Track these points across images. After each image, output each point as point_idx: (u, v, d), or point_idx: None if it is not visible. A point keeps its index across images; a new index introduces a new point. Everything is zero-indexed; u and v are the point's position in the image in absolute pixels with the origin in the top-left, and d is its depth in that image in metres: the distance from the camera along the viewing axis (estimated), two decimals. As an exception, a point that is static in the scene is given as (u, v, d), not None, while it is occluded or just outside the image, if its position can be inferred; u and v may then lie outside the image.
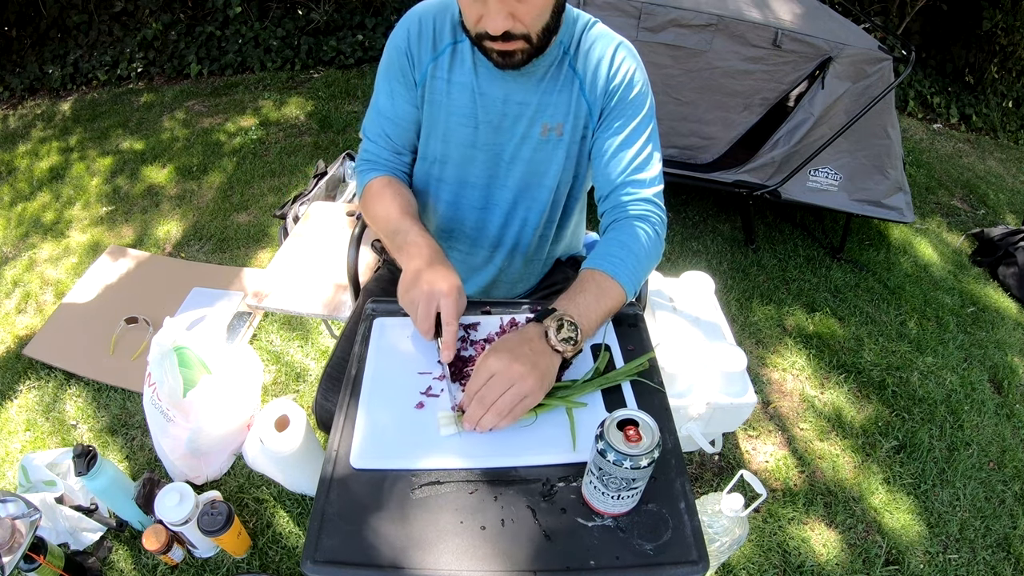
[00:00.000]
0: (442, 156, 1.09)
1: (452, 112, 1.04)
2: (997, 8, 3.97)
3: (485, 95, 1.02)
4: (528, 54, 0.91)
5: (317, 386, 1.17)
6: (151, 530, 1.36)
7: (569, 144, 1.05)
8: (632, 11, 2.08)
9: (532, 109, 1.02)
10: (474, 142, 1.06)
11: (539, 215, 1.13)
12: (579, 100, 1.02)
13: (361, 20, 4.11)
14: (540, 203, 1.11)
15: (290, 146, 3.15)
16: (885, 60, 2.12)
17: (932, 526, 1.67)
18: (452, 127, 1.05)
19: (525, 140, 1.05)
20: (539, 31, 0.88)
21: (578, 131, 1.05)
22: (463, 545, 0.68)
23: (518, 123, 1.03)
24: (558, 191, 1.11)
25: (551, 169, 1.07)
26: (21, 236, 2.62)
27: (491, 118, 1.03)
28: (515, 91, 1.01)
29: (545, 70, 1.00)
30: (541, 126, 1.03)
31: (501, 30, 0.85)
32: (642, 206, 1.01)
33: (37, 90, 3.84)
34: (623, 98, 1.02)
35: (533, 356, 0.79)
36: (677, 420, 1.07)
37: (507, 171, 1.09)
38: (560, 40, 0.99)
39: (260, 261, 2.41)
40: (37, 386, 1.92)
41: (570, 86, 1.02)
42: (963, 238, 2.87)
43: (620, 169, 1.02)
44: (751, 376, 1.74)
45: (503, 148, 1.06)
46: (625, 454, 0.64)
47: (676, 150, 2.39)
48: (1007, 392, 2.10)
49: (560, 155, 1.06)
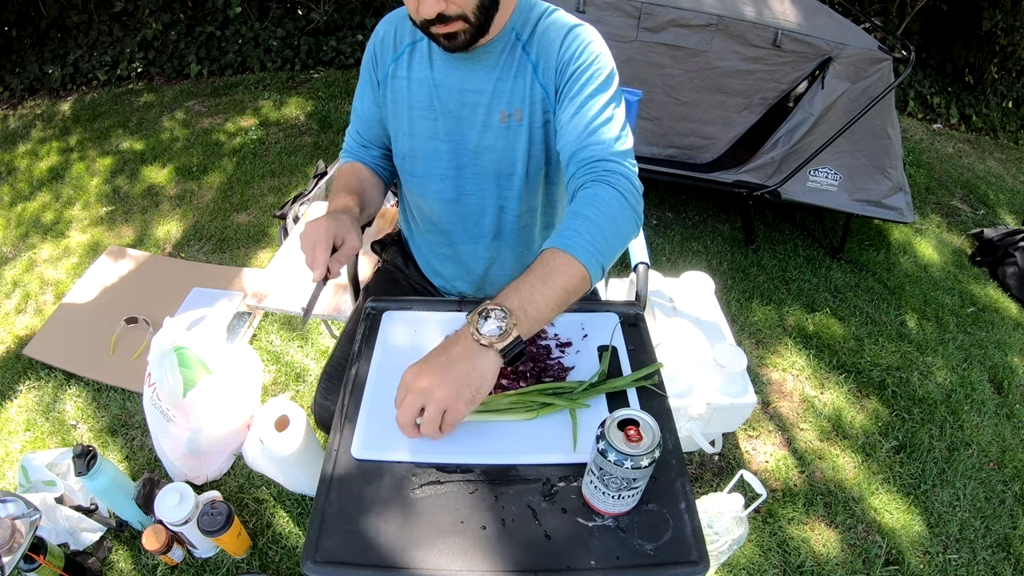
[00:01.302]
0: (410, 152, 1.12)
1: (414, 107, 1.07)
2: (997, 8, 3.97)
3: (441, 87, 1.04)
4: (470, 33, 0.92)
5: (316, 386, 1.17)
6: (151, 530, 1.36)
7: (531, 129, 1.05)
8: (632, 11, 2.08)
9: (488, 96, 1.03)
10: (436, 134, 1.08)
11: (516, 202, 1.13)
12: (533, 84, 1.02)
13: (361, 20, 4.11)
14: (514, 190, 1.11)
15: (290, 146, 3.15)
16: (885, 60, 2.12)
17: (932, 526, 1.67)
18: (415, 121, 1.08)
19: (487, 128, 1.05)
20: (473, 8, 0.89)
21: (538, 115, 1.04)
22: (463, 545, 0.68)
23: (476, 112, 1.05)
24: (529, 177, 1.10)
25: (517, 156, 1.07)
26: (21, 236, 2.62)
27: (450, 108, 1.05)
28: (470, 80, 1.03)
29: (497, 57, 1.01)
30: (499, 113, 1.04)
31: (434, 12, 0.87)
32: (600, 168, 0.91)
33: (37, 90, 3.84)
34: (576, 71, 0.99)
35: (447, 364, 0.74)
36: (677, 420, 1.07)
37: (474, 161, 1.09)
38: (512, 26, 1.00)
39: (260, 261, 2.41)
40: (37, 386, 1.92)
41: (524, 71, 1.02)
42: (963, 238, 2.87)
43: (577, 134, 0.95)
44: (751, 376, 1.74)
45: (466, 138, 1.08)
46: (626, 454, 0.64)
47: (676, 150, 2.40)
48: (1007, 392, 2.10)
49: (523, 141, 1.06)
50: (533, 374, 0.88)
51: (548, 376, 0.88)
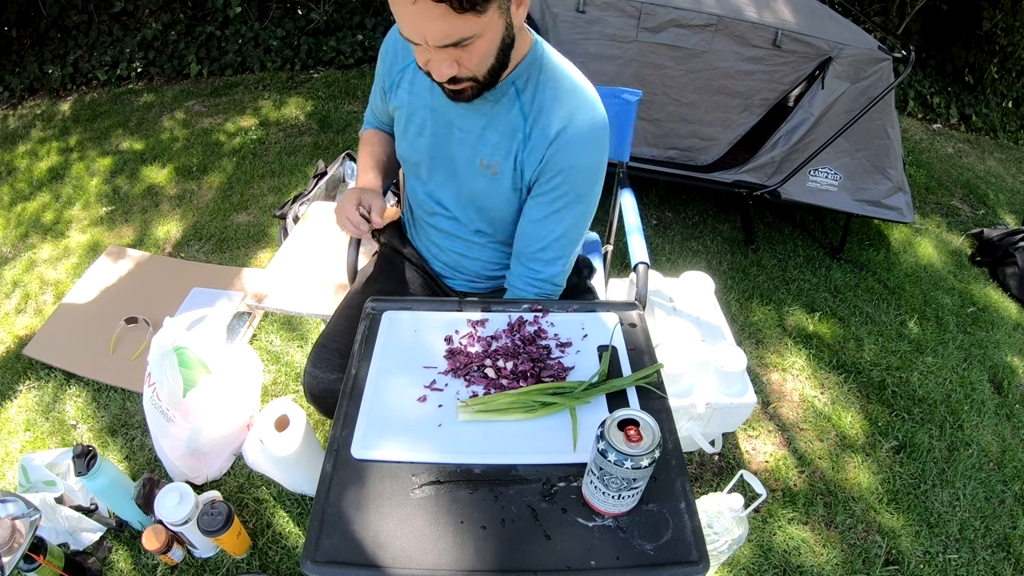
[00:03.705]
0: (408, 156, 1.15)
1: (411, 120, 1.10)
2: (997, 8, 3.97)
3: (437, 112, 1.05)
4: (476, 91, 0.92)
5: (308, 357, 1.17)
6: (151, 530, 1.36)
7: (507, 184, 1.05)
8: (632, 11, 2.08)
9: (473, 138, 1.03)
10: (433, 152, 1.10)
11: (501, 229, 1.16)
12: (519, 151, 1.01)
13: (361, 20, 4.11)
14: (497, 223, 1.14)
15: (290, 146, 3.15)
16: (885, 60, 2.12)
17: (932, 526, 1.67)
18: (409, 133, 1.11)
19: (468, 166, 1.07)
20: (485, 73, 0.89)
21: (513, 176, 1.04)
22: (463, 545, 0.68)
23: (463, 147, 1.06)
24: (510, 216, 1.12)
25: (497, 201, 1.08)
26: (21, 236, 2.62)
27: (442, 134, 1.07)
28: (460, 119, 1.03)
29: (492, 106, 0.99)
30: (479, 160, 1.04)
31: (446, 77, 0.87)
32: (545, 288, 1.11)
33: (37, 90, 3.84)
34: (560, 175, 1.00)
35: None
36: (677, 420, 1.07)
37: (469, 182, 1.09)
38: (512, 79, 0.97)
39: (260, 261, 2.41)
40: (37, 386, 1.92)
41: (514, 133, 1.00)
42: (963, 238, 2.87)
43: (538, 246, 1.07)
44: (751, 376, 1.74)
45: (450, 164, 1.10)
46: (626, 454, 0.64)
47: (676, 151, 2.39)
48: (1007, 392, 2.10)
49: (502, 190, 1.06)
50: (533, 374, 0.88)
51: (548, 376, 0.88)
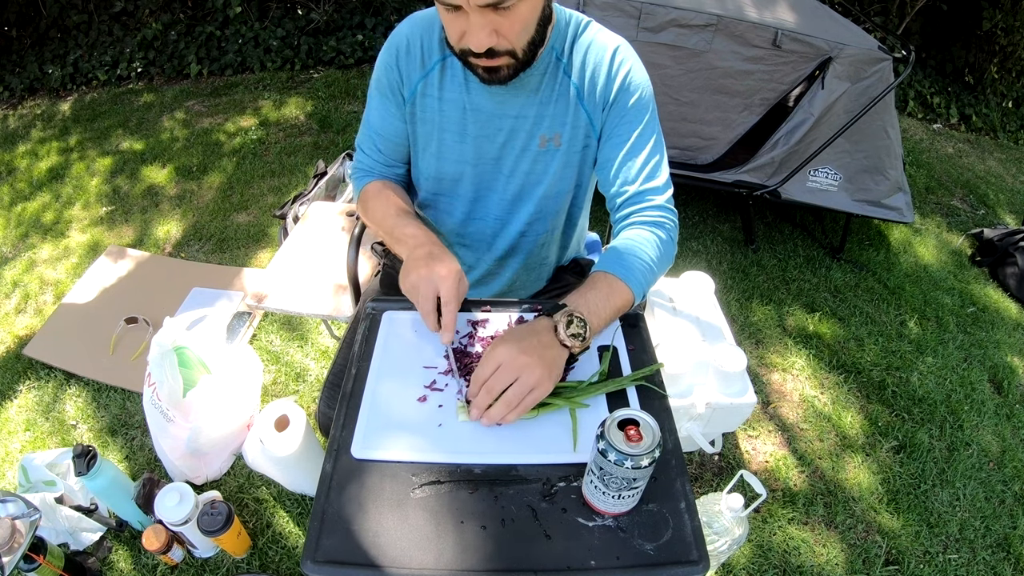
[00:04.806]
0: (436, 173, 1.08)
1: (445, 129, 1.03)
2: (997, 8, 3.97)
3: (478, 110, 1.00)
4: (514, 68, 0.89)
5: (320, 394, 1.16)
6: (151, 530, 1.36)
7: (568, 153, 1.03)
8: (632, 11, 2.08)
9: (530, 122, 1.00)
10: (464, 158, 1.04)
11: (539, 224, 1.12)
12: (577, 109, 1.00)
13: (361, 20, 4.11)
14: (539, 212, 1.10)
15: (290, 146, 3.15)
16: (885, 60, 2.12)
17: (932, 526, 1.67)
18: (445, 144, 1.04)
19: (524, 152, 1.03)
20: (524, 46, 0.87)
21: (578, 140, 1.03)
22: (463, 545, 0.68)
23: (515, 136, 1.01)
24: (559, 200, 1.09)
25: (547, 179, 1.05)
26: (21, 236, 2.62)
27: (486, 132, 1.02)
28: (510, 104, 0.99)
29: (539, 80, 0.98)
30: (539, 138, 1.01)
31: (485, 47, 0.82)
32: (656, 213, 1.00)
33: (37, 90, 3.84)
34: (624, 105, 1.00)
35: (540, 348, 0.79)
36: (677, 420, 1.07)
37: (503, 184, 1.07)
38: (552, 46, 0.97)
39: (260, 261, 2.41)
40: (37, 386, 1.92)
41: (566, 94, 0.99)
42: (963, 238, 2.87)
43: (631, 178, 1.00)
44: (751, 376, 1.74)
45: (501, 162, 1.05)
46: (626, 454, 0.64)
47: (676, 150, 2.39)
48: (1007, 392, 2.10)
49: (556, 165, 1.04)
50: (533, 374, 0.88)
51: (548, 376, 0.88)
